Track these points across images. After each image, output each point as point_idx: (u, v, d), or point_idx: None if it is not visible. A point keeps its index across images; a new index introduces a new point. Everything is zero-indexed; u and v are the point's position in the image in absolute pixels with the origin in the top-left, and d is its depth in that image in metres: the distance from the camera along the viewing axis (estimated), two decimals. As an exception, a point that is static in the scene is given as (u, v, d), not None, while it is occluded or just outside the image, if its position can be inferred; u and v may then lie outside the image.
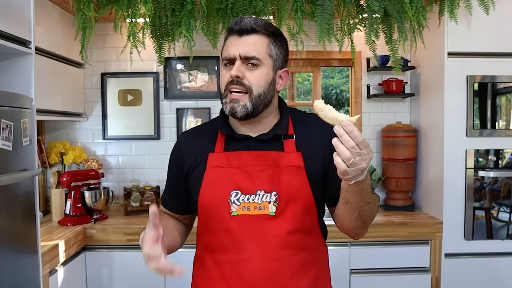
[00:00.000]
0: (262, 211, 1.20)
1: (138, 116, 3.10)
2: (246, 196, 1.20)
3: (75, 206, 2.67)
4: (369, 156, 0.99)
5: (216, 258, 1.24)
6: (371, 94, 3.08)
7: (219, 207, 1.22)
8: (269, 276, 1.18)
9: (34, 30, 1.99)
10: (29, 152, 1.90)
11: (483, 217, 2.59)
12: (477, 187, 2.58)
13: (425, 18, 2.41)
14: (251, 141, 1.26)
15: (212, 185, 1.24)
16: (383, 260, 2.60)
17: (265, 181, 1.21)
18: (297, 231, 1.21)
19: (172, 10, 2.38)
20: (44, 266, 2.06)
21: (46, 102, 2.48)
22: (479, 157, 2.58)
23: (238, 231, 1.19)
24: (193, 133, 1.39)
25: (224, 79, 1.22)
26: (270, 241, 1.19)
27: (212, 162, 1.26)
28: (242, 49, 1.19)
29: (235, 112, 1.20)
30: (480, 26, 2.51)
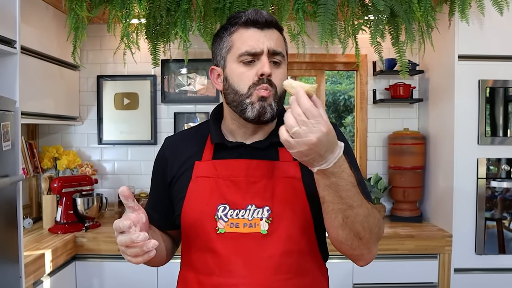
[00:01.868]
0: (253, 229, 1.05)
1: (134, 120, 2.99)
2: (235, 211, 1.07)
3: (66, 213, 2.57)
4: (319, 129, 0.84)
5: (201, 281, 1.10)
6: (378, 99, 2.94)
7: (204, 223, 1.08)
8: None
9: (19, 29, 1.90)
10: (11, 157, 1.80)
11: (495, 229, 2.45)
12: (489, 198, 2.43)
13: (434, 19, 2.28)
14: (244, 148, 1.12)
15: (197, 198, 1.10)
16: (388, 275, 2.46)
17: (257, 194, 1.07)
18: (293, 253, 1.06)
19: (168, 10, 2.27)
20: (27, 278, 1.96)
21: (37, 105, 2.39)
22: (491, 166, 2.43)
23: (225, 251, 1.05)
24: (179, 138, 1.25)
25: (246, 79, 1.06)
26: (262, 264, 1.05)
27: (198, 171, 1.12)
28: (269, 43, 1.06)
29: (265, 112, 1.05)
30: (493, 28, 2.38)
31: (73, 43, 2.35)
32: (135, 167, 3.02)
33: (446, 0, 2.34)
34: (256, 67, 1.06)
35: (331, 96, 8.85)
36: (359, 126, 3.04)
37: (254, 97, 1.05)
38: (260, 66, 1.05)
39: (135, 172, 3.01)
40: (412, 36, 2.24)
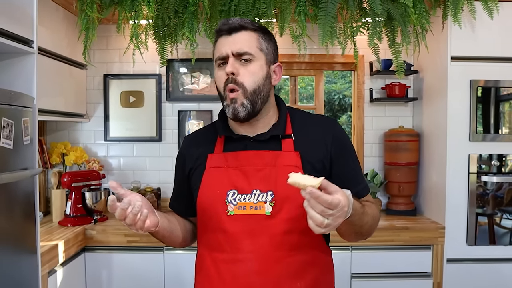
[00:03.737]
0: (258, 211, 1.19)
1: (140, 117, 3.10)
2: (242, 195, 1.20)
3: (75, 207, 2.67)
4: (343, 211, 0.97)
5: (214, 258, 1.24)
6: (374, 98, 3.07)
7: (216, 207, 1.22)
8: (264, 277, 1.17)
9: (37, 30, 2.00)
10: (29, 151, 1.89)
11: (485, 223, 2.57)
12: (480, 192, 2.56)
13: (428, 22, 2.41)
14: (249, 141, 1.26)
15: (210, 185, 1.25)
16: (384, 265, 2.58)
17: (261, 180, 1.20)
18: (294, 232, 1.19)
19: (175, 12, 2.38)
20: (43, 266, 2.05)
21: (48, 102, 2.48)
22: (482, 162, 2.56)
23: (234, 230, 1.19)
24: (194, 136, 1.41)
25: (220, 79, 1.23)
26: (266, 242, 1.18)
27: (211, 162, 1.27)
28: (234, 46, 1.20)
29: (237, 113, 1.20)
30: (484, 30, 2.50)
31: (84, 43, 2.45)
32: (140, 163, 3.12)
33: (439, 4, 2.46)
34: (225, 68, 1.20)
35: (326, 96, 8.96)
36: (356, 123, 3.16)
37: (227, 99, 1.21)
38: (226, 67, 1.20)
39: (140, 167, 3.12)
40: (407, 38, 2.37)
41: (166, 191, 3.10)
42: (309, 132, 1.27)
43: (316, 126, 1.29)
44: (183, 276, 2.54)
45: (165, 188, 3.09)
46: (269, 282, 1.17)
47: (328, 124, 1.30)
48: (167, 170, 3.10)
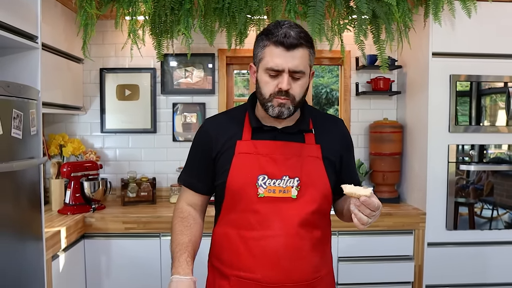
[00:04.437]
0: (286, 194, 1.35)
1: (135, 110, 3.21)
2: (272, 180, 1.35)
3: (74, 196, 2.77)
4: (380, 210, 1.23)
5: (242, 235, 1.38)
6: (360, 92, 3.22)
7: (247, 189, 1.36)
8: (290, 250, 1.34)
9: (41, 26, 2.09)
10: (36, 141, 2.00)
11: (464, 208, 2.74)
12: (459, 180, 2.73)
13: (411, 20, 2.55)
14: (277, 132, 1.41)
15: (241, 170, 1.37)
16: (369, 249, 2.74)
17: (290, 168, 1.36)
18: (314, 213, 1.37)
19: (171, 9, 2.49)
20: (47, 251, 2.16)
21: (47, 95, 2.56)
22: (461, 151, 2.73)
23: (264, 211, 1.34)
24: (220, 120, 1.50)
25: (269, 88, 1.31)
26: (291, 220, 1.35)
27: (240, 148, 1.39)
28: (291, 63, 1.27)
29: (282, 114, 1.33)
30: (463, 28, 2.66)
31: (83, 38, 2.55)
32: (136, 154, 3.23)
33: (421, 3, 2.61)
34: (278, 80, 1.30)
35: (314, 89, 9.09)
36: (343, 116, 3.31)
37: (274, 102, 1.32)
38: (280, 81, 1.29)
39: (136, 158, 3.23)
40: (391, 35, 2.51)
41: (161, 181, 3.22)
42: (325, 129, 1.45)
43: (330, 124, 1.48)
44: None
45: (160, 178, 3.21)
46: (294, 255, 1.35)
47: (339, 124, 1.51)
48: (162, 160, 3.22)
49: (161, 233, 2.68)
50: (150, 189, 3.07)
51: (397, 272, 2.75)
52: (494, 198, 2.75)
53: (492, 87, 2.73)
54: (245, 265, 1.36)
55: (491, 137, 2.73)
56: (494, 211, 2.76)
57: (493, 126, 2.73)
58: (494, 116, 2.74)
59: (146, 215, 2.71)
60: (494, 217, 2.76)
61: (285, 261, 1.34)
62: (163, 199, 3.19)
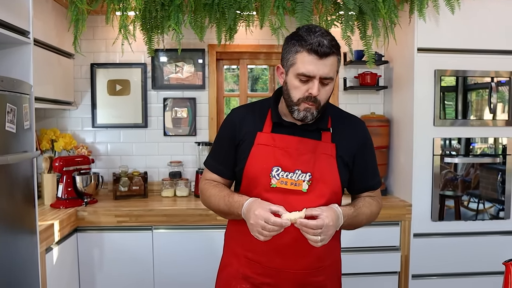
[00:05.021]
0: (297, 187, 1.43)
1: (126, 105, 3.24)
2: (285, 172, 1.43)
3: (66, 190, 2.80)
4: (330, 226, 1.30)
5: None
6: (348, 87, 3.28)
7: (261, 178, 1.44)
8: (295, 240, 1.41)
9: (33, 21, 2.12)
10: (29, 135, 2.03)
11: (448, 200, 2.82)
12: (443, 173, 2.81)
13: (396, 16, 2.61)
14: (296, 128, 1.47)
15: (258, 160, 1.46)
16: (356, 239, 2.79)
17: (303, 163, 1.43)
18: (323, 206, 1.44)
19: (162, 5, 2.53)
20: (41, 244, 2.20)
21: (39, 90, 2.58)
22: (445, 145, 2.80)
23: (275, 200, 1.39)
24: (246, 110, 1.57)
25: (299, 92, 1.37)
26: None
27: (260, 140, 1.48)
28: (323, 71, 1.33)
29: (306, 119, 1.40)
30: (447, 24, 2.73)
31: (74, 33, 2.58)
32: (127, 148, 3.27)
33: (407, 0, 2.67)
34: (308, 85, 1.35)
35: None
36: (331, 110, 3.37)
37: (301, 106, 1.39)
38: (311, 86, 1.35)
39: (127, 153, 3.27)
40: (377, 31, 2.57)
41: (152, 175, 3.26)
42: (344, 129, 1.50)
43: (349, 125, 1.53)
44: (170, 253, 2.72)
45: (151, 172, 3.25)
46: (299, 245, 1.42)
47: (358, 125, 1.56)
48: (153, 155, 3.26)
49: (153, 226, 2.72)
50: (141, 183, 3.10)
51: (384, 262, 2.83)
52: (480, 191, 2.83)
53: (476, 82, 2.80)
54: (253, 248, 1.46)
55: (474, 130, 2.81)
56: (480, 204, 2.84)
57: (476, 120, 2.81)
58: (477, 110, 2.82)
59: (138, 208, 2.75)
60: (480, 210, 2.84)
61: (290, 250, 1.43)
62: (155, 193, 3.23)
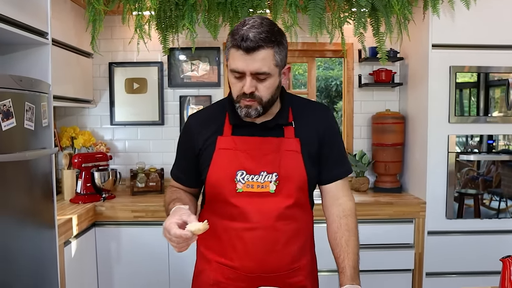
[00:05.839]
0: (264, 189, 1.37)
1: (143, 103, 3.31)
2: (250, 176, 1.37)
3: (85, 186, 2.89)
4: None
5: (225, 225, 1.42)
6: (363, 83, 3.27)
7: (226, 184, 1.37)
8: (266, 242, 1.37)
9: (51, 22, 2.19)
10: (47, 133, 2.11)
11: (467, 198, 2.79)
12: (458, 170, 2.78)
13: (410, 12, 2.60)
14: (256, 127, 1.40)
15: (220, 165, 1.39)
16: (370, 237, 2.80)
17: (268, 163, 1.37)
18: (292, 206, 1.40)
19: (176, 4, 2.58)
20: (59, 237, 2.28)
21: (59, 89, 2.67)
22: (460, 142, 2.78)
23: (243, 205, 1.36)
24: (202, 116, 1.50)
25: (235, 88, 1.31)
26: (270, 214, 1.37)
27: (221, 144, 1.40)
28: (252, 66, 1.25)
29: (249, 115, 1.33)
30: (462, 20, 2.69)
31: (92, 33, 2.65)
32: (144, 145, 3.34)
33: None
34: (243, 82, 1.29)
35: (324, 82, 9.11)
36: (346, 107, 3.37)
37: (241, 103, 1.32)
38: (244, 84, 1.28)
39: (144, 150, 3.34)
40: (390, 28, 2.57)
41: (169, 171, 3.30)
42: (306, 119, 1.44)
43: (312, 113, 1.46)
44: (186, 247, 2.77)
45: (167, 168, 3.29)
46: (270, 247, 1.38)
47: (322, 112, 1.48)
48: (169, 152, 3.32)
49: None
50: (158, 179, 3.17)
51: (398, 259, 2.82)
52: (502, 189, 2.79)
53: (492, 78, 2.76)
54: (225, 253, 1.42)
55: (491, 127, 2.77)
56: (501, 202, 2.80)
57: (492, 116, 2.77)
58: (494, 107, 2.78)
59: (154, 204, 2.81)
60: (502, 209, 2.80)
61: (261, 253, 1.38)
62: (172, 186, 3.28)
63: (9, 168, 1.77)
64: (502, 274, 1.10)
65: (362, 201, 2.87)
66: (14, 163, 1.80)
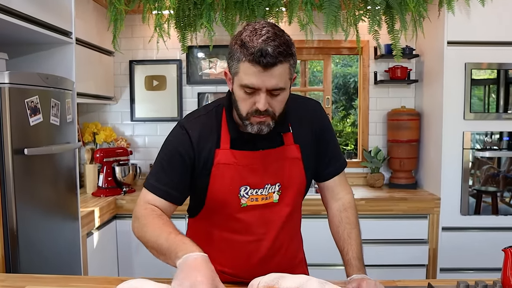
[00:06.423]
0: (268, 200, 1.34)
1: (162, 100, 3.40)
2: (254, 190, 1.32)
3: (107, 180, 2.99)
4: None
5: (225, 237, 1.37)
6: (378, 80, 3.29)
7: (229, 200, 1.31)
8: (273, 250, 1.37)
9: (75, 22, 2.29)
10: (71, 128, 2.21)
11: (481, 195, 2.80)
12: (474, 167, 2.79)
13: (425, 9, 2.61)
14: (257, 138, 1.29)
15: (222, 181, 1.30)
16: (384, 232, 2.84)
17: (271, 175, 1.33)
18: (293, 212, 1.40)
19: (194, 4, 2.65)
20: (82, 228, 2.38)
21: (82, 86, 2.77)
22: (475, 138, 2.79)
23: (247, 219, 1.33)
24: (198, 125, 1.33)
25: (245, 105, 1.19)
26: (274, 224, 1.36)
27: (219, 158, 1.30)
28: (268, 82, 1.14)
29: (261, 131, 1.23)
30: (477, 17, 2.70)
31: (113, 32, 2.74)
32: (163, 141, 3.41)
33: (435, -7, 2.67)
34: (255, 98, 1.17)
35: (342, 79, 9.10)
36: (362, 104, 3.40)
37: (252, 121, 1.21)
38: (257, 100, 1.17)
39: (163, 145, 3.42)
40: (405, 25, 2.59)
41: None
42: (301, 119, 1.38)
43: (305, 112, 1.40)
44: (203, 240, 2.85)
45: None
46: (276, 253, 1.38)
47: (314, 109, 1.43)
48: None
49: (186, 215, 2.85)
50: (176, 174, 3.25)
51: (412, 255, 2.85)
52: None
53: (508, 75, 2.76)
54: (226, 262, 1.38)
55: (506, 124, 2.77)
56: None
57: (508, 113, 2.77)
58: (510, 104, 2.78)
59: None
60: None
61: (265, 259, 1.37)
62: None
63: (36, 161, 1.87)
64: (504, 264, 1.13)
65: (377, 196, 2.90)
66: (41, 157, 1.90)
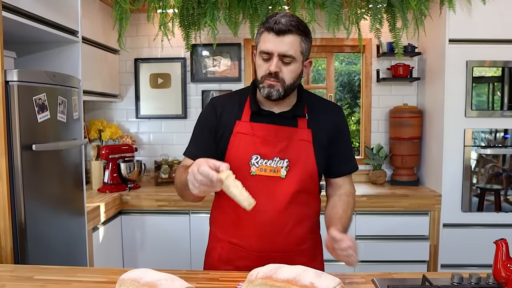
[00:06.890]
0: (275, 174, 1.47)
1: (167, 97, 3.44)
2: (264, 160, 1.46)
3: (112, 176, 3.04)
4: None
5: (235, 206, 1.45)
6: (381, 78, 3.32)
7: (241, 166, 1.46)
8: (276, 225, 1.48)
9: (81, 21, 2.33)
10: (78, 125, 2.25)
11: (479, 191, 2.83)
12: (476, 164, 2.81)
13: (427, 7, 2.64)
14: (274, 116, 1.50)
15: (237, 148, 1.48)
16: (386, 228, 2.87)
17: (281, 150, 1.47)
18: (301, 192, 1.50)
19: (198, 2, 2.68)
20: (88, 223, 2.43)
21: (88, 84, 2.82)
22: (477, 136, 2.81)
23: (255, 188, 1.41)
24: (225, 100, 1.59)
25: (261, 69, 1.42)
26: (279, 198, 1.48)
27: (238, 128, 1.50)
28: (280, 48, 1.36)
29: (271, 95, 1.42)
30: (478, 15, 2.72)
31: (118, 31, 2.78)
32: (168, 138, 3.48)
33: (437, -8, 2.69)
34: (269, 63, 1.40)
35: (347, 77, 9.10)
36: (364, 102, 3.43)
37: (265, 83, 1.42)
38: (270, 64, 1.40)
39: (168, 142, 3.48)
40: (406, 23, 2.61)
41: (191, 164, 3.45)
42: (320, 116, 1.54)
43: (325, 111, 1.56)
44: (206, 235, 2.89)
45: (190, 160, 3.44)
46: (279, 229, 1.49)
47: (335, 111, 1.59)
48: (192, 144, 3.44)
49: (191, 211, 2.91)
50: (181, 171, 3.29)
51: (413, 251, 2.88)
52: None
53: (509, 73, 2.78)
54: (235, 233, 1.52)
55: (507, 121, 2.79)
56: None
57: (509, 110, 2.78)
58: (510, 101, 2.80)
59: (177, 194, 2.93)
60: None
61: (271, 234, 1.47)
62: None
63: (44, 157, 1.92)
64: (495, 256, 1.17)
65: (379, 193, 2.94)
66: (48, 153, 1.95)
